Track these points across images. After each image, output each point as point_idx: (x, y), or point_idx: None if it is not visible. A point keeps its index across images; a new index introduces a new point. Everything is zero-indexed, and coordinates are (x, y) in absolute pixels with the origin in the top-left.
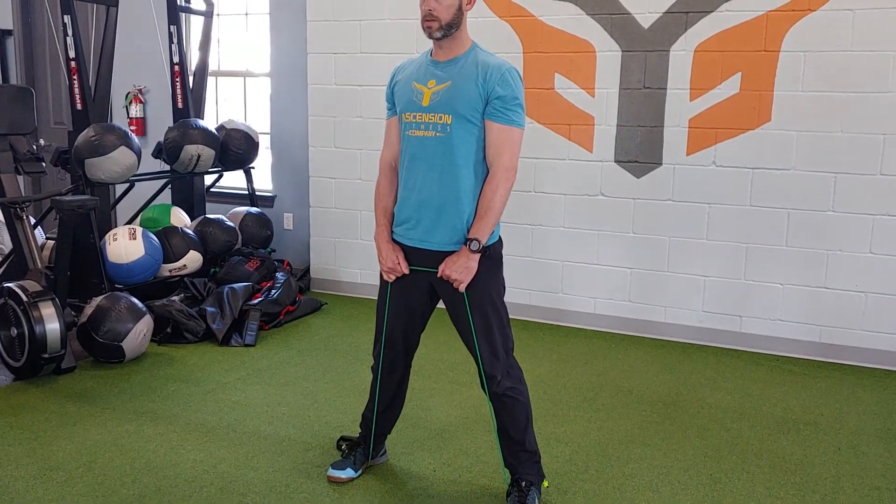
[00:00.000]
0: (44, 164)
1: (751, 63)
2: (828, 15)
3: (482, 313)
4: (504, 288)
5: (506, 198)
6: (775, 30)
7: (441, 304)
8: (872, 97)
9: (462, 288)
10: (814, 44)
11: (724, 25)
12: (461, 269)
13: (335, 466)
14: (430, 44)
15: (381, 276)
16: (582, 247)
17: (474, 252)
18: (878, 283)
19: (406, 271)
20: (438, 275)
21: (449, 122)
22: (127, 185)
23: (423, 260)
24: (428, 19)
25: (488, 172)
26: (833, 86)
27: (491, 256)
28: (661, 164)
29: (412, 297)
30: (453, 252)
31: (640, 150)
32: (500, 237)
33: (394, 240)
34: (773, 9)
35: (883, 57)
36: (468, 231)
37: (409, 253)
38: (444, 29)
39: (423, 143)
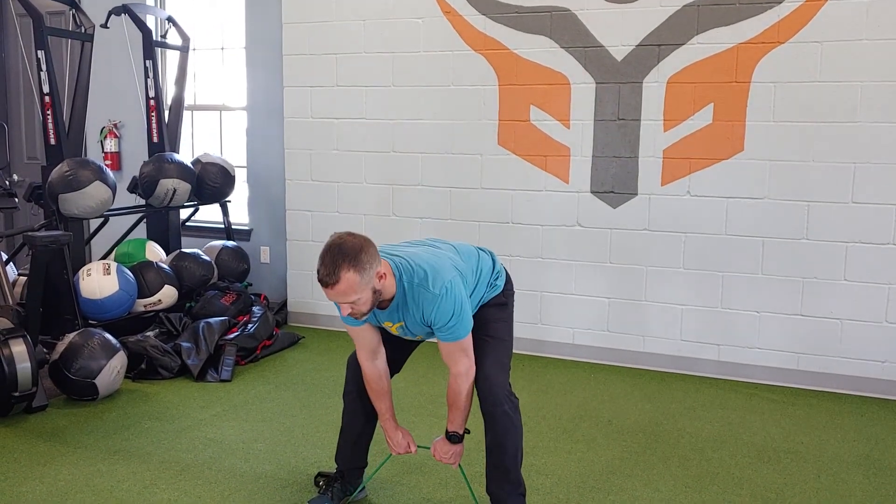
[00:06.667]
0: (17, 199)
1: (723, 94)
2: (796, 47)
3: (497, 332)
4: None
5: (470, 389)
6: (746, 62)
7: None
8: (842, 126)
9: (455, 466)
10: (783, 75)
11: (696, 58)
12: (450, 456)
13: (313, 502)
14: (403, 79)
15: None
16: (560, 277)
17: (456, 444)
18: (853, 309)
19: (415, 452)
20: (432, 455)
21: (422, 338)
22: (101, 219)
23: None
24: (351, 314)
25: None
26: (803, 116)
27: (505, 300)
28: (636, 194)
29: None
30: None
31: (615, 180)
32: (507, 276)
33: None
34: (742, 41)
35: (851, 87)
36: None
37: None
38: (369, 313)
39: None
